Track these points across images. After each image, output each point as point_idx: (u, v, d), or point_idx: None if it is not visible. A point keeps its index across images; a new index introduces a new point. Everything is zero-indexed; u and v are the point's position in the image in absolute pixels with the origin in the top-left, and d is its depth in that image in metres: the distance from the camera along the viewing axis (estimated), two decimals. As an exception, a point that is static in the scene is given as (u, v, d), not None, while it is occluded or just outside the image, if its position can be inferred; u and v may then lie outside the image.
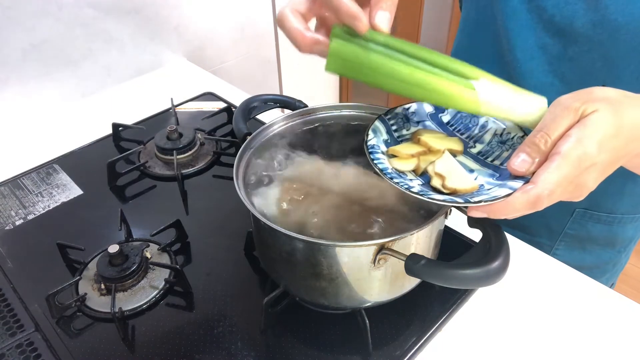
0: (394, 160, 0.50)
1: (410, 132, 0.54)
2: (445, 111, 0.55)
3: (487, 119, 0.53)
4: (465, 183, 0.47)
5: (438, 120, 0.55)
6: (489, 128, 0.53)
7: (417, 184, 0.48)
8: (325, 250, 0.50)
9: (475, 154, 0.52)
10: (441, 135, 0.54)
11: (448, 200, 0.45)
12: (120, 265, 0.64)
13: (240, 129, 0.64)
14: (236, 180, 0.55)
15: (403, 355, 0.57)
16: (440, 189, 0.48)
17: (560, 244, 0.75)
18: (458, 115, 0.55)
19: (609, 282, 0.81)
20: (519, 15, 0.62)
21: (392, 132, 0.54)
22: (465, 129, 0.54)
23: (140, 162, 0.85)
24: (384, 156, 0.50)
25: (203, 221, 0.75)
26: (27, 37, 0.93)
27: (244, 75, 1.37)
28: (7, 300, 0.63)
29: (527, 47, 0.63)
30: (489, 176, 0.49)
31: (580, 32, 0.58)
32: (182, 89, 1.07)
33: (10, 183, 0.82)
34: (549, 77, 0.63)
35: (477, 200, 0.43)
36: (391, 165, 0.50)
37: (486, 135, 0.53)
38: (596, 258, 0.77)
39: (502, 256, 0.45)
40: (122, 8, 1.03)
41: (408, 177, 0.49)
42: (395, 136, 0.54)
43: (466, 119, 0.54)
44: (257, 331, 0.60)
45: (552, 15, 0.59)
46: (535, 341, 0.59)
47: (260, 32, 1.37)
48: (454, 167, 0.49)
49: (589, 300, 0.63)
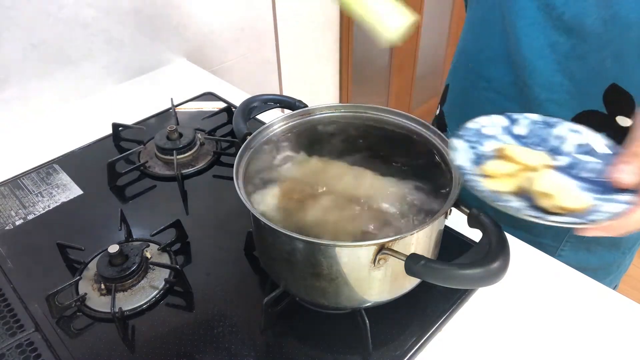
0: (490, 181, 0.47)
1: (488, 149, 0.51)
2: (518, 123, 0.52)
3: (561, 129, 0.50)
4: (577, 201, 0.43)
5: (513, 134, 0.52)
6: (567, 139, 0.50)
7: (521, 205, 0.44)
8: (325, 250, 0.50)
9: (563, 167, 0.49)
10: (527, 149, 0.50)
11: (574, 222, 0.41)
12: (120, 265, 0.64)
13: (240, 129, 0.64)
14: (236, 180, 0.55)
15: (403, 355, 0.57)
16: (548, 209, 0.44)
17: (565, 245, 0.75)
18: (533, 127, 0.52)
19: (612, 283, 0.81)
20: (528, 13, 0.61)
21: (470, 150, 0.50)
22: (541, 141, 0.51)
23: (140, 162, 0.85)
24: (476, 178, 0.47)
25: (203, 221, 0.75)
26: (27, 37, 0.93)
27: (244, 75, 1.37)
28: (7, 300, 0.63)
29: (535, 45, 0.62)
30: (587, 191, 0.45)
31: (591, 29, 0.57)
32: (182, 89, 1.07)
33: (10, 183, 0.82)
34: (558, 76, 0.63)
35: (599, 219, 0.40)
36: (487, 187, 0.46)
37: (565, 146, 0.50)
38: (601, 259, 0.76)
39: (502, 256, 0.45)
40: (122, 8, 1.03)
41: (505, 198, 0.46)
42: (476, 154, 0.50)
43: (541, 130, 0.51)
44: (257, 331, 0.60)
45: (562, 13, 0.58)
46: (536, 341, 0.59)
47: (260, 32, 1.37)
48: (561, 184, 0.45)
49: (590, 301, 0.63)
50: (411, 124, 0.63)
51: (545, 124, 0.52)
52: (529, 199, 0.46)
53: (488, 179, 0.47)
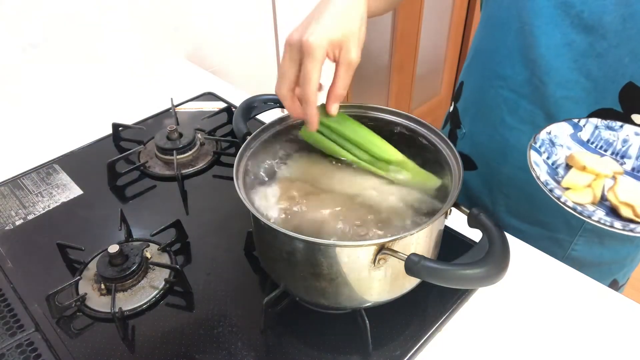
0: (570, 193, 0.48)
1: (559, 157, 0.52)
2: (582, 129, 0.54)
3: (627, 132, 0.51)
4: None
5: (579, 140, 0.54)
6: (632, 142, 0.51)
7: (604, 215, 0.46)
8: (325, 250, 0.50)
9: (631, 171, 0.50)
10: (596, 156, 0.51)
11: None
12: (120, 265, 0.64)
13: (240, 129, 0.64)
14: (236, 180, 0.55)
15: (403, 355, 0.57)
16: (632, 218, 0.45)
17: (579, 240, 0.75)
18: (596, 132, 0.53)
19: (625, 277, 0.81)
20: (545, 11, 0.61)
21: (546, 161, 0.52)
22: (607, 145, 0.53)
23: (140, 162, 0.85)
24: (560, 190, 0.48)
25: (203, 221, 0.75)
26: (27, 37, 0.93)
27: (244, 75, 1.37)
28: (7, 300, 0.63)
29: (552, 44, 0.62)
30: None
31: (610, 27, 0.57)
32: (182, 89, 1.07)
33: (10, 183, 0.82)
34: (574, 74, 0.63)
35: None
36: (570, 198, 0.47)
37: (631, 149, 0.51)
38: (615, 253, 0.76)
39: (502, 256, 0.45)
40: (122, 8, 1.03)
41: (591, 208, 0.47)
42: (550, 164, 0.52)
43: (604, 132, 0.53)
44: (257, 331, 0.60)
45: (581, 11, 0.59)
46: (536, 342, 0.59)
47: (260, 32, 1.37)
48: (638, 192, 0.46)
49: (590, 301, 0.63)
50: (411, 124, 0.64)
51: (608, 127, 0.53)
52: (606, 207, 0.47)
53: (568, 191, 0.48)
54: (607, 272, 0.77)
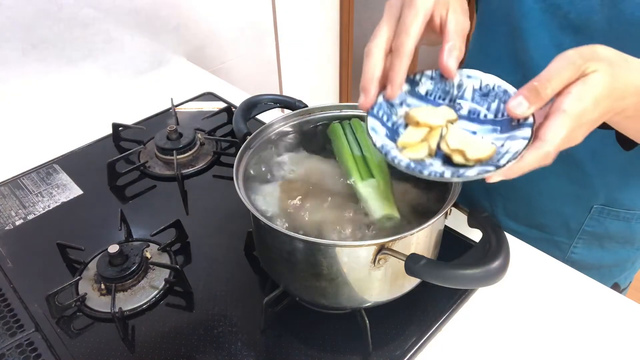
0: (407, 152, 0.48)
1: (400, 116, 0.52)
2: (419, 83, 0.53)
3: (460, 77, 0.51)
4: (484, 149, 0.46)
5: (418, 95, 0.53)
6: (466, 85, 0.51)
7: (440, 165, 0.47)
8: (325, 250, 0.50)
9: (467, 114, 0.51)
10: (431, 108, 0.52)
11: (483, 172, 0.44)
12: (120, 265, 0.64)
13: (240, 129, 0.64)
14: (236, 180, 0.55)
15: (403, 355, 0.57)
16: (464, 163, 0.46)
17: (578, 242, 0.75)
18: (432, 82, 0.53)
19: (627, 280, 0.81)
20: (533, 14, 0.61)
21: (385, 124, 0.51)
22: (445, 94, 0.52)
23: (140, 162, 0.85)
24: (397, 151, 0.48)
25: (203, 221, 0.75)
26: (27, 37, 0.93)
27: (244, 75, 1.37)
28: (7, 300, 0.63)
29: (541, 46, 0.62)
30: (491, 132, 0.48)
31: (596, 28, 0.58)
32: (182, 89, 1.07)
33: (10, 183, 0.82)
34: None
35: (505, 163, 0.43)
36: (407, 157, 0.48)
37: (466, 92, 0.51)
38: (615, 256, 0.76)
39: (502, 256, 0.45)
40: (122, 8, 1.03)
41: (427, 162, 0.47)
42: (390, 126, 0.51)
43: (441, 83, 0.52)
44: (257, 331, 0.60)
45: (567, 12, 0.59)
46: (536, 342, 0.59)
47: (260, 32, 1.37)
48: (466, 137, 0.48)
49: (590, 301, 0.63)
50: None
51: (442, 76, 0.52)
52: (444, 159, 0.48)
53: (405, 150, 0.48)
54: (607, 275, 0.77)
